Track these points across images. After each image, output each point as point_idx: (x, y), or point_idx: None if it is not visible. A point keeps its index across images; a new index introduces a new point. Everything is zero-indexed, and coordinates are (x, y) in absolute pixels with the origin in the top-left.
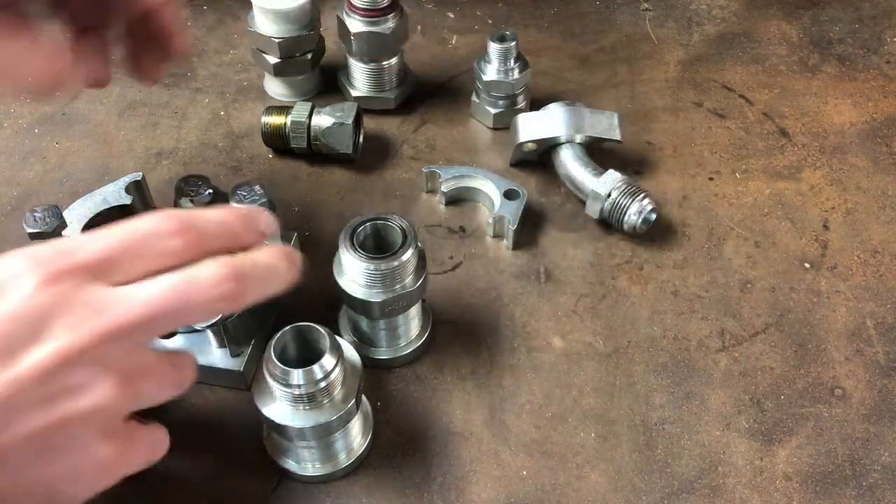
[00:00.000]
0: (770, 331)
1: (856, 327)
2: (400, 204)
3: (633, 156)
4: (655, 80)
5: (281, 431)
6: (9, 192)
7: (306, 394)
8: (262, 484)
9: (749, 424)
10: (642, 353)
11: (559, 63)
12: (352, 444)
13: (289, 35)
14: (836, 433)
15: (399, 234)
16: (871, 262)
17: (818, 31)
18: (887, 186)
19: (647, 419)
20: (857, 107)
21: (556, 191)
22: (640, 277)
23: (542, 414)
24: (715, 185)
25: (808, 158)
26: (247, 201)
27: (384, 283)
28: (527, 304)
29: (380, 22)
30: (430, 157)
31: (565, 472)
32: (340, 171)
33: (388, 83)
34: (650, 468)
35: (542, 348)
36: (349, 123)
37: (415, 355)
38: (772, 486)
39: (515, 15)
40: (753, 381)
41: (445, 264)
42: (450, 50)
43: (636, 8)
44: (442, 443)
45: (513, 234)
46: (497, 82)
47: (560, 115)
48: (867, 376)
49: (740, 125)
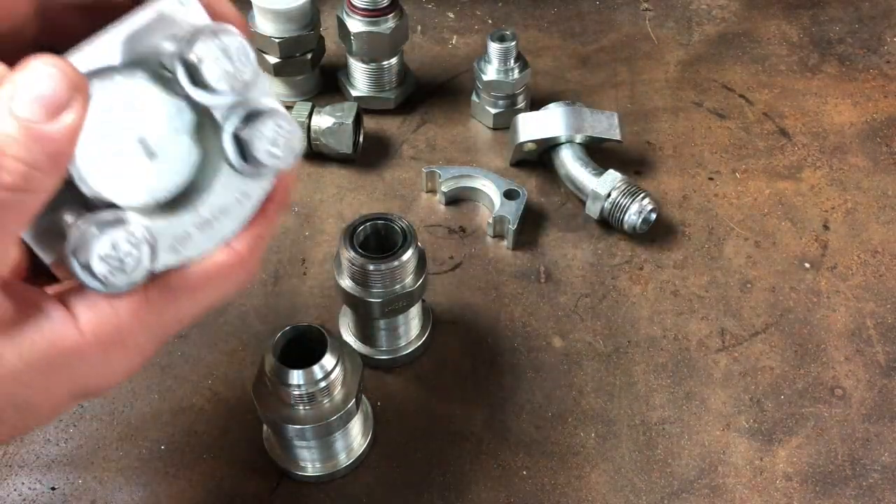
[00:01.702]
0: (770, 331)
1: (856, 327)
2: (400, 204)
3: (633, 156)
4: (655, 80)
5: (281, 431)
6: None
7: (306, 394)
8: (262, 484)
9: (749, 424)
10: (642, 353)
11: (559, 63)
12: (352, 444)
13: (289, 35)
14: (836, 433)
15: (399, 234)
16: (872, 262)
17: (818, 31)
18: (887, 186)
19: (646, 419)
20: (858, 107)
21: (556, 191)
22: (640, 277)
23: (542, 414)
24: (715, 185)
25: (809, 158)
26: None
27: (384, 283)
28: (527, 304)
29: (380, 22)
30: (430, 157)
31: (565, 472)
32: (340, 170)
33: (388, 83)
34: (650, 468)
35: (542, 348)
36: (349, 123)
37: (415, 355)
38: (772, 486)
39: (515, 15)
40: (753, 381)
41: (445, 264)
42: (450, 50)
43: (636, 8)
44: (442, 443)
45: (513, 234)
46: (497, 82)
47: (560, 115)
48: (867, 376)
49: (740, 125)
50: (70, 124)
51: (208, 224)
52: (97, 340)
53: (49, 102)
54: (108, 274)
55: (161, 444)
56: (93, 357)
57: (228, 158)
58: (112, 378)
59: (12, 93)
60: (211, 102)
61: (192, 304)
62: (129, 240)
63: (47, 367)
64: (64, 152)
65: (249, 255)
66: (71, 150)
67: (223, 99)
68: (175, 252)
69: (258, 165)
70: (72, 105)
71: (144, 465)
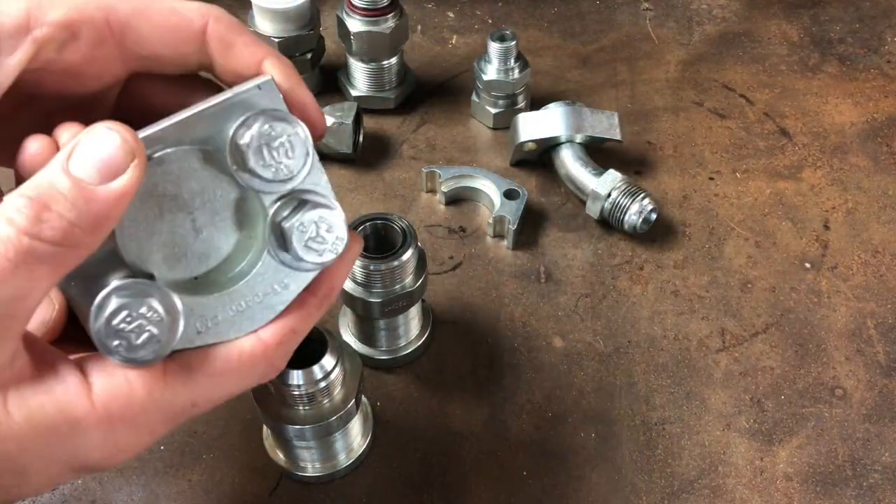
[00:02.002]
0: (770, 331)
1: (856, 327)
2: (400, 204)
3: (633, 155)
4: (656, 79)
5: (281, 432)
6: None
7: (306, 394)
8: (262, 484)
9: (749, 424)
10: (642, 353)
11: (559, 63)
12: (352, 444)
13: (288, 35)
14: (837, 433)
15: (399, 233)
16: (872, 262)
17: (819, 31)
18: (888, 186)
19: (647, 419)
20: (858, 106)
21: (557, 191)
22: (641, 277)
23: (542, 414)
24: (715, 184)
25: (809, 158)
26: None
27: (384, 283)
28: (527, 304)
29: (379, 21)
30: (430, 157)
31: (565, 472)
32: (340, 170)
33: (388, 83)
34: (650, 468)
35: (542, 348)
36: (349, 123)
37: (415, 355)
38: (772, 486)
39: (515, 14)
40: (754, 381)
41: (445, 264)
42: (450, 49)
43: (636, 7)
44: (442, 443)
45: (513, 234)
46: (497, 82)
47: (560, 115)
48: (868, 376)
49: (741, 125)
50: (121, 190)
51: (239, 308)
52: (107, 413)
53: (105, 165)
54: (128, 344)
55: (161, 445)
56: (99, 431)
57: (268, 246)
58: (116, 455)
59: (71, 151)
60: (258, 188)
61: (209, 390)
62: (154, 312)
63: (51, 435)
64: (110, 216)
65: (276, 348)
66: (118, 214)
67: (270, 186)
68: (201, 332)
69: (297, 258)
70: (126, 172)
71: (144, 465)
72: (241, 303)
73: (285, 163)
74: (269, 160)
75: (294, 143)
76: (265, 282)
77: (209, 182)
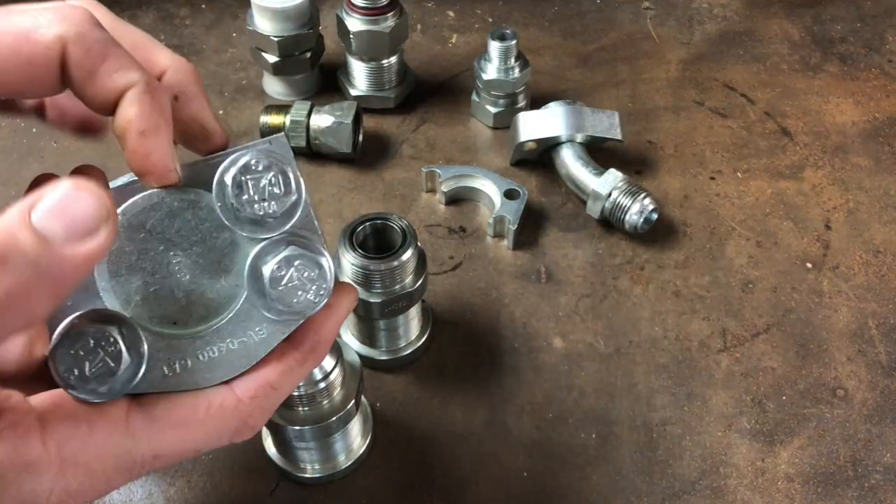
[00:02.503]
0: (772, 331)
1: (858, 327)
2: (400, 204)
3: (634, 155)
4: (656, 79)
5: (280, 432)
6: (6, 192)
7: (305, 395)
8: (262, 485)
9: (751, 425)
10: (643, 354)
11: (560, 62)
12: (351, 445)
13: (288, 34)
14: (838, 434)
15: (399, 233)
16: (873, 262)
17: (820, 30)
18: (889, 186)
19: (648, 420)
20: (859, 106)
21: (557, 190)
22: (642, 277)
23: (542, 415)
24: (716, 184)
25: (810, 158)
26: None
27: (384, 283)
28: (527, 304)
29: (379, 21)
30: (429, 157)
31: (566, 473)
32: (340, 170)
33: (388, 82)
34: (651, 469)
35: (542, 349)
36: (348, 122)
37: (415, 356)
38: (773, 487)
39: (516, 13)
40: (755, 382)
41: (445, 264)
42: (450, 49)
43: (637, 6)
44: (442, 444)
45: (513, 234)
46: (497, 81)
47: (561, 115)
48: (869, 377)
49: (742, 124)
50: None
51: (212, 354)
52: (59, 457)
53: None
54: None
55: None
56: (50, 475)
57: (246, 290)
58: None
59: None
60: (247, 233)
61: (173, 442)
62: (114, 346)
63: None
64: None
65: (250, 402)
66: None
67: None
68: (168, 376)
69: (272, 303)
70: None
71: None
72: (213, 348)
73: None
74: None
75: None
76: (241, 328)
77: (197, 224)
